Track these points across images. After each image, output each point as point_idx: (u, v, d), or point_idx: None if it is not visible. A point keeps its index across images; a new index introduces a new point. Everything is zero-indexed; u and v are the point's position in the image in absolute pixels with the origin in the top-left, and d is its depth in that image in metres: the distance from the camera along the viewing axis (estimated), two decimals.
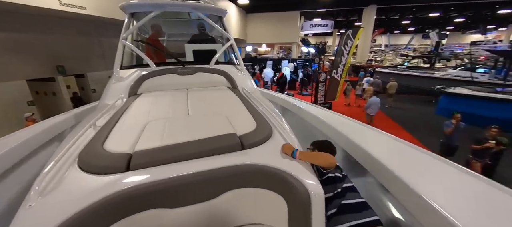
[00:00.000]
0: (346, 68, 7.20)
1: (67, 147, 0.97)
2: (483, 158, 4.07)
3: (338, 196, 1.07)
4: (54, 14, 5.18)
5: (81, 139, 1.09)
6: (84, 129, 1.16)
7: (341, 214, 1.06)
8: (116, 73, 2.11)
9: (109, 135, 1.06)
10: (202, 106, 1.55)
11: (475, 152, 4.13)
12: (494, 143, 3.92)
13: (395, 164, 1.14)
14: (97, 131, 1.15)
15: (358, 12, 19.27)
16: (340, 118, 1.98)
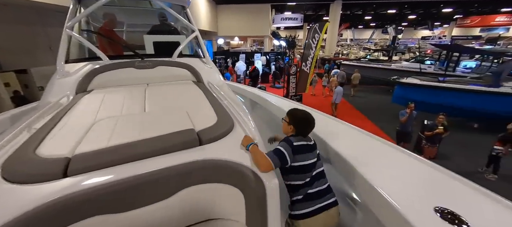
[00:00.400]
0: (315, 61, 7.50)
1: None
2: (435, 143, 4.60)
3: (306, 185, 1.17)
4: None
5: (10, 145, 0.94)
6: (14, 133, 1.01)
7: (305, 201, 1.16)
8: (60, 68, 1.87)
9: (45, 138, 0.94)
10: (161, 102, 1.46)
11: (428, 138, 4.64)
12: (443, 129, 4.44)
13: (350, 154, 1.26)
14: (31, 134, 1.00)
15: (325, 7, 20.08)
16: None
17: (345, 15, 24.65)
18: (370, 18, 29.21)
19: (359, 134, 1.60)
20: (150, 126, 1.05)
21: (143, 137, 0.94)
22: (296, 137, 1.24)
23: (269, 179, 0.88)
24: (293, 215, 1.18)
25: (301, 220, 1.15)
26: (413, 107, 4.84)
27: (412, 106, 4.84)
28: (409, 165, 1.17)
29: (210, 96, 1.64)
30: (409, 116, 4.89)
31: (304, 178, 1.17)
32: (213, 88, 1.94)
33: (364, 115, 8.07)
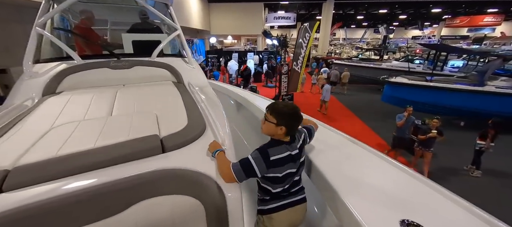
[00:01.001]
0: (305, 60, 7.50)
1: None
2: (428, 147, 4.37)
3: (285, 190, 1.11)
4: None
5: None
6: None
7: (273, 199, 1.12)
8: (28, 68, 1.76)
9: None
10: (132, 105, 1.38)
11: (421, 142, 4.42)
12: (436, 133, 4.23)
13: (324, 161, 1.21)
14: None
15: (318, 6, 20.16)
16: None
17: (337, 14, 24.86)
18: (362, 18, 29.56)
19: (336, 137, 1.55)
20: (111, 132, 0.97)
21: (100, 144, 0.86)
22: (278, 144, 1.04)
23: (232, 190, 0.83)
24: (259, 209, 1.15)
25: (266, 215, 1.11)
26: (411, 111, 4.62)
27: (410, 110, 4.61)
28: (384, 174, 1.13)
29: (187, 98, 1.57)
30: (407, 120, 4.66)
31: (277, 187, 1.08)
32: (193, 89, 1.86)
33: (353, 113, 8.16)
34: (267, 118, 1.07)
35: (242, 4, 18.02)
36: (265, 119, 1.08)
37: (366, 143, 1.47)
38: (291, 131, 1.06)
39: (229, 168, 0.90)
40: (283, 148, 1.05)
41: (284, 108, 1.05)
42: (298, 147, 1.10)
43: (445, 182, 4.25)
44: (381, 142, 5.75)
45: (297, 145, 1.10)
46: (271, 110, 1.06)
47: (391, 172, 1.13)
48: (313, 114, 8.84)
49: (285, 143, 1.06)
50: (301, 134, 1.17)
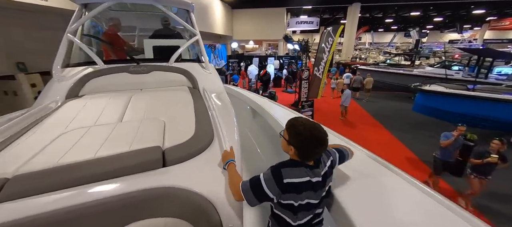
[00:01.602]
0: (328, 66, 7.20)
1: None
2: (485, 174, 3.44)
3: (302, 226, 0.92)
4: (10, 5, 4.70)
5: None
6: None
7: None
8: (56, 72, 1.87)
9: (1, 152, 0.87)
10: (142, 110, 1.37)
11: (475, 167, 3.48)
12: (497, 158, 3.29)
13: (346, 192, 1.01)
14: None
15: (343, 9, 19.50)
16: None
17: (364, 18, 23.76)
18: (391, 21, 27.87)
19: (362, 158, 1.34)
20: (115, 141, 0.95)
21: (100, 154, 0.83)
22: (295, 166, 0.87)
23: (233, 220, 0.73)
24: None
25: None
26: (463, 131, 3.77)
27: (463, 129, 3.76)
28: (427, 215, 0.89)
29: (198, 105, 1.53)
30: (455, 140, 3.76)
31: (292, 218, 0.88)
32: (207, 95, 1.82)
33: (378, 121, 7.59)
34: (282, 133, 0.93)
35: (265, 9, 18.18)
36: (280, 134, 0.94)
37: (393, 155, 1.25)
38: (304, 155, 0.88)
39: (239, 186, 0.80)
40: (302, 172, 0.86)
41: (299, 126, 0.87)
42: (321, 174, 0.90)
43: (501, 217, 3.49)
44: (411, 156, 5.19)
45: (321, 172, 0.90)
46: (287, 125, 0.92)
47: (435, 211, 0.90)
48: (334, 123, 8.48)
49: (306, 166, 0.87)
50: (328, 158, 0.97)
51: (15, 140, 0.97)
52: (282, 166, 0.87)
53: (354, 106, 9.43)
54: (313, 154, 0.88)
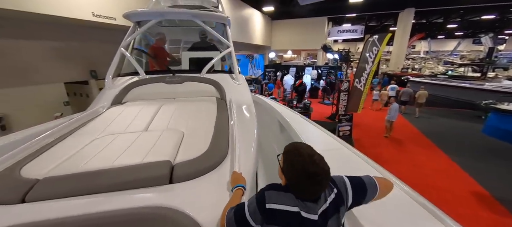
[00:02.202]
0: (371, 77, 6.57)
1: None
2: None
3: None
4: (88, 24, 5.77)
5: (13, 159, 1.00)
6: (25, 145, 1.09)
7: None
8: (108, 81, 2.16)
9: (43, 154, 1.00)
10: (167, 120, 1.45)
11: None
12: None
13: None
14: (39, 147, 1.09)
15: (393, 16, 17.81)
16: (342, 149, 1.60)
17: (419, 24, 21.21)
18: (455, 26, 24.08)
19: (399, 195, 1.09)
20: (133, 151, 1.00)
21: (117, 164, 0.89)
22: (284, 190, 0.73)
23: None
24: None
25: None
26: None
27: None
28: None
29: (221, 116, 1.53)
30: None
31: None
32: (232, 107, 1.82)
33: (433, 143, 6.45)
34: (281, 156, 0.80)
35: (305, 19, 17.99)
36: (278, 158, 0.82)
37: (454, 187, 0.96)
38: (297, 191, 0.72)
39: (224, 214, 0.72)
40: (291, 199, 0.70)
41: (293, 156, 0.73)
42: (318, 211, 0.71)
43: None
44: (481, 191, 4.11)
45: (319, 208, 0.71)
46: (285, 149, 0.78)
47: None
48: (377, 142, 7.59)
49: (298, 196, 0.71)
50: (331, 191, 0.77)
51: (58, 143, 1.13)
52: (268, 188, 0.74)
53: (401, 121, 8.33)
54: (307, 193, 0.72)
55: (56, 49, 5.77)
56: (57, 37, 5.72)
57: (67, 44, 6.00)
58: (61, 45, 5.86)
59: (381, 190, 0.84)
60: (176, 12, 2.62)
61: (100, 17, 5.67)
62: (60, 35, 5.76)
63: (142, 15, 2.54)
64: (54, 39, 5.67)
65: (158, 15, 2.53)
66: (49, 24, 5.37)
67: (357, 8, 15.77)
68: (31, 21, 5.01)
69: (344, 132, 6.57)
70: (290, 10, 16.49)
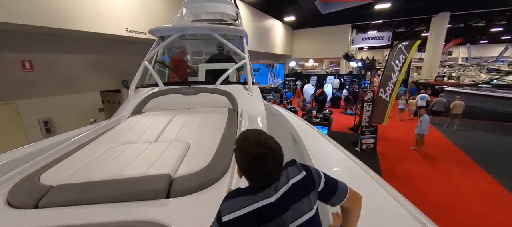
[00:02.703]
0: (397, 87, 6.13)
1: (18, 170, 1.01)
2: None
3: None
4: (122, 39, 6.37)
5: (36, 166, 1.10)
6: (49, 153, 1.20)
7: None
8: (131, 91, 2.33)
9: (63, 160, 1.10)
10: (176, 131, 1.50)
11: None
12: None
13: None
14: (60, 154, 1.19)
15: (425, 21, 16.63)
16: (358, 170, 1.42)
17: (456, 28, 19.47)
18: (500, 30, 21.62)
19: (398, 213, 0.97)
20: (141, 162, 1.05)
21: (122, 175, 0.93)
22: (238, 195, 0.68)
23: None
24: None
25: None
26: None
27: None
28: None
29: (230, 129, 1.55)
30: None
31: None
32: (243, 118, 1.83)
33: (474, 161, 5.69)
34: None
35: (327, 27, 17.69)
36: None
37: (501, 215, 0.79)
38: (252, 180, 0.68)
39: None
40: (247, 199, 0.65)
41: (239, 139, 0.68)
42: (277, 194, 0.66)
43: None
44: None
45: (275, 192, 0.66)
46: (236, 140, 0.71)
47: None
48: (405, 157, 6.97)
49: (255, 189, 0.67)
50: (298, 172, 0.73)
51: (78, 150, 1.23)
52: (225, 199, 0.68)
53: (434, 134, 7.57)
54: (260, 179, 0.66)
55: (94, 61, 6.45)
56: (96, 51, 6.40)
57: (104, 56, 6.68)
58: (98, 58, 6.54)
59: (350, 197, 0.78)
60: (195, 27, 2.78)
61: (133, 32, 6.24)
62: (98, 49, 6.44)
63: (165, 30, 2.73)
64: (93, 53, 6.35)
65: (179, 30, 2.71)
66: (90, 40, 6.05)
67: (383, 14, 15.08)
68: (77, 38, 5.71)
69: (368, 145, 6.16)
70: (311, 19, 16.39)
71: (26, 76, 5.09)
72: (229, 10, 3.46)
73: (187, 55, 4.19)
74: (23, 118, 5.10)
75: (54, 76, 5.59)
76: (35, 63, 5.20)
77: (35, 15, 4.28)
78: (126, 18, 6.06)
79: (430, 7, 14.00)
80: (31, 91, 5.19)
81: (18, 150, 1.36)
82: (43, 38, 5.20)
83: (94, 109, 6.61)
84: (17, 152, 1.32)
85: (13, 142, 5.01)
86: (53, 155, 1.18)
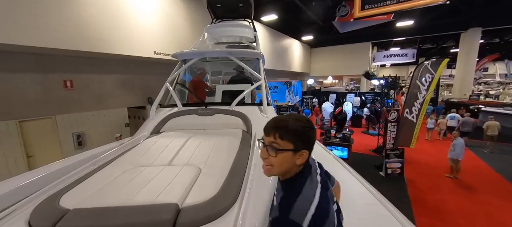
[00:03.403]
0: (425, 107, 5.70)
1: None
2: None
3: None
4: (149, 60, 6.91)
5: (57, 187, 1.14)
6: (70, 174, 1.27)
7: None
8: (152, 111, 2.46)
9: (82, 183, 1.15)
10: (189, 154, 1.52)
11: None
12: None
13: None
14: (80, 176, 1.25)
15: (453, 37, 15.75)
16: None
17: (490, 44, 18.10)
18: None
19: None
20: (152, 187, 1.06)
21: (131, 202, 0.94)
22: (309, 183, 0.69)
23: None
24: None
25: None
26: None
27: None
28: None
29: (242, 153, 1.53)
30: None
31: None
32: (256, 141, 1.81)
33: None
34: (276, 145, 0.70)
35: (346, 46, 17.54)
36: (272, 147, 0.70)
37: None
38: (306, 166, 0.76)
39: None
40: (314, 184, 0.71)
41: (299, 123, 0.71)
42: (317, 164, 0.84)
43: None
44: None
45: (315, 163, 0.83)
46: (282, 132, 0.69)
47: None
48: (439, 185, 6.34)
49: (308, 172, 0.74)
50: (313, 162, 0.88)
51: (97, 172, 1.29)
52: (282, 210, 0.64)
53: (469, 156, 6.84)
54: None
55: (123, 80, 7.02)
56: (125, 71, 6.99)
57: (132, 76, 7.25)
58: (127, 77, 7.11)
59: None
60: (214, 51, 2.93)
61: (159, 54, 6.75)
62: (128, 69, 7.03)
63: (186, 55, 2.90)
64: (123, 73, 6.94)
65: (199, 55, 2.87)
66: (121, 61, 6.66)
67: (406, 31, 14.62)
68: (110, 60, 6.33)
69: (394, 170, 5.69)
70: (329, 38, 16.43)
71: (66, 94, 5.69)
72: (248, 34, 3.61)
73: (207, 75, 4.39)
74: (60, 132, 5.62)
75: (89, 94, 6.17)
76: (75, 82, 5.82)
77: (77, 41, 4.86)
78: (154, 42, 6.62)
79: (458, 24, 13.29)
80: (69, 107, 5.75)
81: (43, 168, 1.46)
82: (83, 61, 5.85)
83: (120, 124, 7.08)
84: (41, 170, 1.42)
85: (50, 153, 5.50)
86: (75, 176, 1.26)
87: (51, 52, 4.91)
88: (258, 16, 10.70)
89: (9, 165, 4.79)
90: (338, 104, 12.99)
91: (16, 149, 4.86)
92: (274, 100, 11.97)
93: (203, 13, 7.31)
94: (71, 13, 4.73)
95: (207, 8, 4.18)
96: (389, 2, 5.12)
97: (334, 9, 10.32)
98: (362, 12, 5.69)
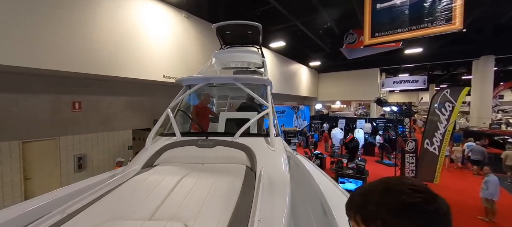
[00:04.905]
0: (447, 138, 5.25)
1: None
2: None
3: None
4: (158, 83, 6.96)
5: None
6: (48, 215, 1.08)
7: None
8: (148, 140, 2.24)
9: None
10: (181, 200, 1.25)
11: None
12: None
13: None
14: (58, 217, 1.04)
15: (464, 64, 15.47)
16: None
17: (504, 71, 17.62)
18: None
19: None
20: None
21: None
22: None
23: None
24: None
25: None
26: None
27: None
28: None
29: (243, 200, 1.25)
30: None
31: None
32: (263, 180, 1.51)
33: None
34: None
35: (354, 71, 17.53)
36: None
37: None
38: None
39: None
40: None
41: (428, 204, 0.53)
42: None
43: None
44: None
45: None
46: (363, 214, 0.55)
47: None
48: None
49: None
50: None
51: (73, 216, 1.05)
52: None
53: (504, 194, 6.03)
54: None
55: (131, 102, 7.04)
56: (134, 93, 7.04)
57: (140, 98, 7.28)
58: (135, 99, 7.14)
59: None
60: (219, 77, 2.79)
61: (168, 78, 6.81)
62: (136, 91, 7.08)
63: (191, 80, 2.78)
64: (131, 95, 6.98)
65: (203, 80, 2.73)
66: (130, 83, 6.72)
67: (415, 58, 14.51)
68: (120, 82, 6.40)
69: None
70: (337, 64, 16.53)
71: (73, 115, 5.67)
72: (255, 59, 3.51)
73: (213, 99, 4.25)
74: (61, 153, 5.49)
75: (96, 115, 6.15)
76: (83, 104, 5.84)
77: (87, 65, 4.93)
78: (164, 65, 6.71)
79: (470, 51, 13.11)
80: (74, 129, 5.69)
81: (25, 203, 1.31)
82: (92, 83, 5.93)
83: (123, 146, 6.93)
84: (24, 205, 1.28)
85: (49, 175, 5.32)
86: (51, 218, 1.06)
87: (63, 74, 4.99)
88: (266, 43, 10.95)
89: (4, 187, 4.61)
90: (348, 130, 12.50)
91: (14, 170, 4.72)
92: (282, 124, 11.66)
93: (213, 39, 7.54)
94: (83, 36, 4.87)
95: (216, 35, 4.19)
96: (400, 30, 5.03)
97: (341, 36, 10.45)
98: (372, 39, 5.62)
